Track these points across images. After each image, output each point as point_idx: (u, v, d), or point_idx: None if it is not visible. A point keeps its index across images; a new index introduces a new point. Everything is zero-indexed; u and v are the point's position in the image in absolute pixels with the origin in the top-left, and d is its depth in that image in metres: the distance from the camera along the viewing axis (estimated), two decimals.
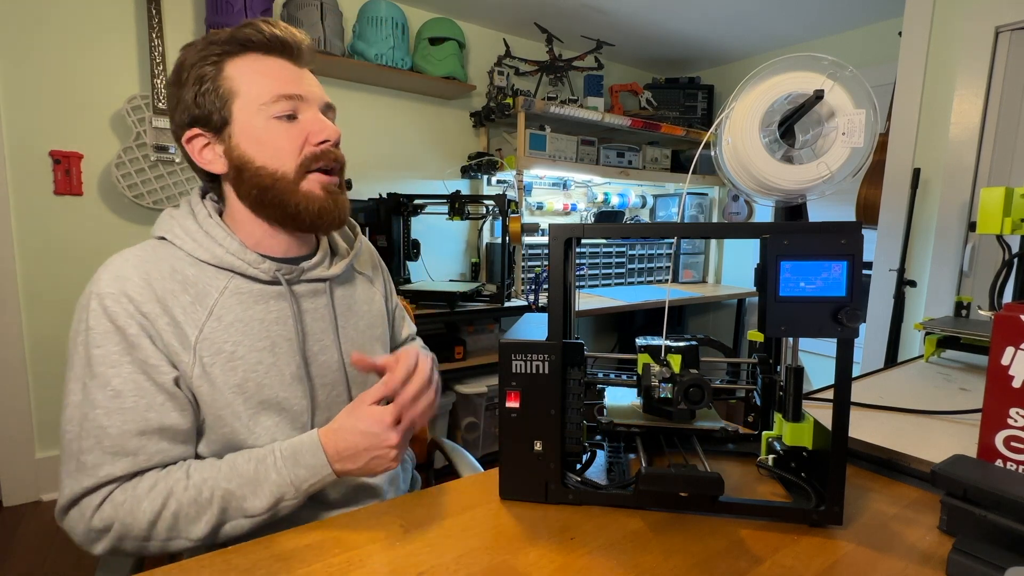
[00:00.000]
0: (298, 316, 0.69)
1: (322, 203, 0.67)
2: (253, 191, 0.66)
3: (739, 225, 0.57)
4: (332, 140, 0.67)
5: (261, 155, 0.65)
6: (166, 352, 0.61)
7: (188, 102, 0.65)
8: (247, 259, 0.66)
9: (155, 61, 1.93)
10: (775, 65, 0.59)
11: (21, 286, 1.87)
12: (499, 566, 0.50)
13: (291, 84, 0.66)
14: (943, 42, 1.82)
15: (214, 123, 0.65)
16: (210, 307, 0.64)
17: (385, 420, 0.59)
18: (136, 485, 0.58)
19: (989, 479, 0.52)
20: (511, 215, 2.23)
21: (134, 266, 0.62)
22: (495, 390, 2.19)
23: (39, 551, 1.65)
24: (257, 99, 0.64)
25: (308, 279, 0.71)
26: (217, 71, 0.65)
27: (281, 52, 0.67)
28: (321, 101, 0.69)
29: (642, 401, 0.70)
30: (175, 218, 0.68)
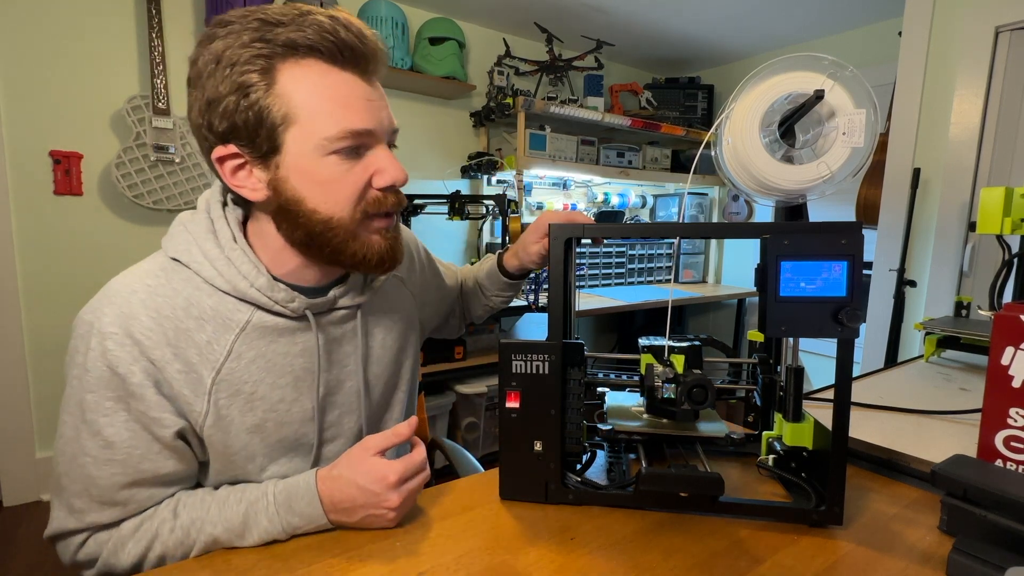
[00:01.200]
0: (322, 349, 0.63)
1: (381, 252, 0.60)
2: (298, 233, 0.57)
3: (739, 225, 0.57)
4: (399, 184, 0.58)
5: (314, 196, 0.55)
6: (173, 401, 0.55)
7: (226, 110, 0.52)
8: (276, 297, 0.58)
9: (155, 61, 1.93)
10: (775, 65, 0.59)
11: (21, 286, 1.87)
12: (499, 566, 0.50)
13: (362, 116, 0.54)
14: (943, 42, 1.82)
15: (259, 146, 0.54)
16: (230, 344, 0.57)
17: (388, 479, 0.53)
18: (122, 526, 0.55)
19: (989, 479, 0.52)
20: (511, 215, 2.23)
21: (142, 301, 0.55)
22: (495, 390, 2.19)
23: (39, 551, 1.65)
24: (319, 132, 0.53)
25: (338, 307, 0.65)
26: (268, 82, 0.51)
27: (351, 65, 0.54)
28: (389, 128, 0.58)
29: (645, 401, 0.70)
30: (192, 236, 0.58)
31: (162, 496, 0.57)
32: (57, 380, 1.96)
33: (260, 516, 0.54)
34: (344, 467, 0.55)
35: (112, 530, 0.56)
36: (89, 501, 0.54)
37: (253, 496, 0.55)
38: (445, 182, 2.72)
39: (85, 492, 0.54)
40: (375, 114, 0.56)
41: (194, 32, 2.06)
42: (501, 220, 2.32)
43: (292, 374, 0.61)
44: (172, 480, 0.58)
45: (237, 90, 0.51)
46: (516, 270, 0.86)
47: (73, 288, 1.94)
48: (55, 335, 1.94)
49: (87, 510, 0.55)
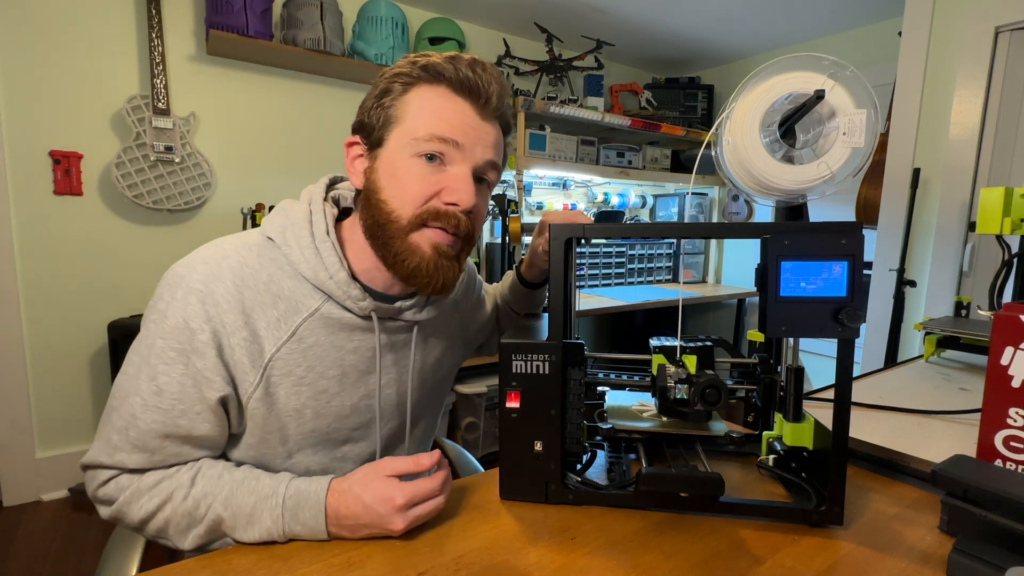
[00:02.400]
0: (378, 351, 0.67)
1: (422, 261, 0.62)
2: (369, 220, 0.63)
3: (739, 225, 0.57)
4: (463, 206, 0.61)
5: (388, 188, 0.61)
6: (230, 367, 0.59)
7: (365, 108, 0.63)
8: (350, 294, 0.63)
9: (155, 61, 1.93)
10: (775, 65, 0.59)
11: (21, 286, 1.86)
12: (499, 566, 0.50)
13: (454, 128, 0.60)
14: (943, 42, 1.82)
15: (372, 139, 0.63)
16: (295, 326, 0.62)
17: (395, 501, 0.53)
18: (143, 476, 0.58)
19: (989, 479, 0.52)
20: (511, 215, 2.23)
21: (231, 267, 0.60)
22: (495, 390, 2.19)
23: (39, 551, 1.65)
24: (413, 132, 0.60)
25: (399, 319, 0.69)
26: (402, 91, 0.61)
27: (467, 94, 0.61)
28: (481, 159, 0.63)
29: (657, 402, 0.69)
30: (290, 220, 0.64)
31: (189, 456, 0.60)
32: (57, 379, 1.96)
33: (264, 515, 0.55)
34: (355, 482, 0.56)
35: (135, 478, 0.58)
36: (124, 440, 0.57)
37: (265, 490, 0.56)
38: None
39: (124, 430, 0.57)
40: (468, 136, 0.61)
41: (194, 32, 2.06)
42: (501, 220, 2.32)
43: (340, 368, 0.65)
44: (202, 443, 0.60)
45: (379, 95, 0.62)
46: (535, 278, 0.88)
47: (73, 288, 1.94)
48: (55, 335, 1.94)
49: (120, 448, 0.57)
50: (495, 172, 0.66)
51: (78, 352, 1.98)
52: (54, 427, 1.98)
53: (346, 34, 2.32)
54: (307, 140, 2.35)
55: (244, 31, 1.94)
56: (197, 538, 0.57)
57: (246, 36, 1.94)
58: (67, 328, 1.95)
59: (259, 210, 2.13)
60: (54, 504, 1.93)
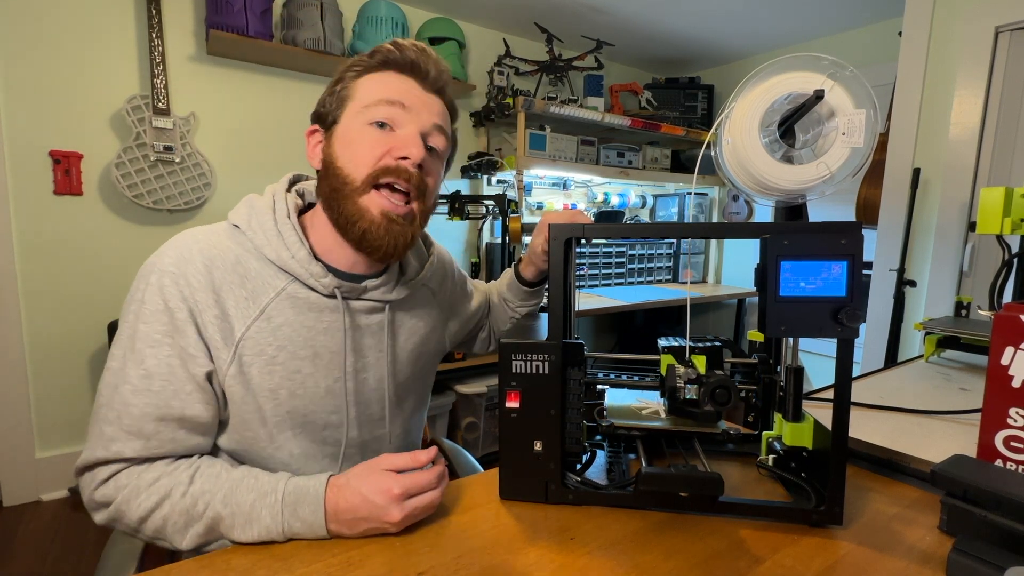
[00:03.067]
0: (348, 331, 0.68)
1: (372, 224, 0.64)
2: (326, 190, 0.66)
3: (739, 225, 0.57)
4: (413, 159, 0.63)
5: (343, 156, 0.64)
6: (208, 344, 0.61)
7: (320, 100, 0.68)
8: (311, 271, 0.65)
9: (155, 61, 1.93)
10: (775, 65, 0.59)
11: (21, 286, 1.86)
12: (499, 566, 0.50)
13: (399, 93, 0.65)
14: (943, 42, 1.82)
15: (327, 122, 0.67)
16: (263, 306, 0.63)
17: (392, 492, 0.54)
18: (141, 474, 0.58)
19: (989, 479, 0.52)
20: (511, 215, 2.23)
21: (200, 250, 0.62)
22: (495, 390, 2.19)
23: (39, 551, 1.65)
24: (362, 101, 0.65)
25: (368, 298, 0.70)
26: (354, 78, 0.66)
27: (411, 72, 0.67)
28: (428, 123, 0.66)
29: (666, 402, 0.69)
30: (254, 209, 0.67)
31: (185, 442, 0.60)
32: (57, 379, 1.96)
33: (264, 512, 0.54)
34: (353, 476, 0.57)
35: (132, 476, 0.57)
36: (119, 429, 0.57)
37: (264, 487, 0.56)
38: (445, 182, 2.71)
39: (117, 419, 0.58)
40: (414, 101, 0.65)
41: (194, 32, 2.06)
42: (501, 220, 2.32)
43: (312, 348, 0.66)
44: (196, 426, 0.61)
45: (333, 85, 0.68)
46: (533, 276, 0.88)
47: (73, 288, 1.94)
48: (55, 335, 1.94)
49: (115, 438, 0.57)
50: (443, 138, 0.69)
51: (78, 352, 1.98)
52: (54, 427, 1.98)
53: (346, 34, 2.32)
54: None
55: (244, 31, 1.94)
56: (196, 537, 0.56)
57: (246, 36, 1.94)
58: (67, 328, 1.95)
59: None
60: (54, 504, 1.93)
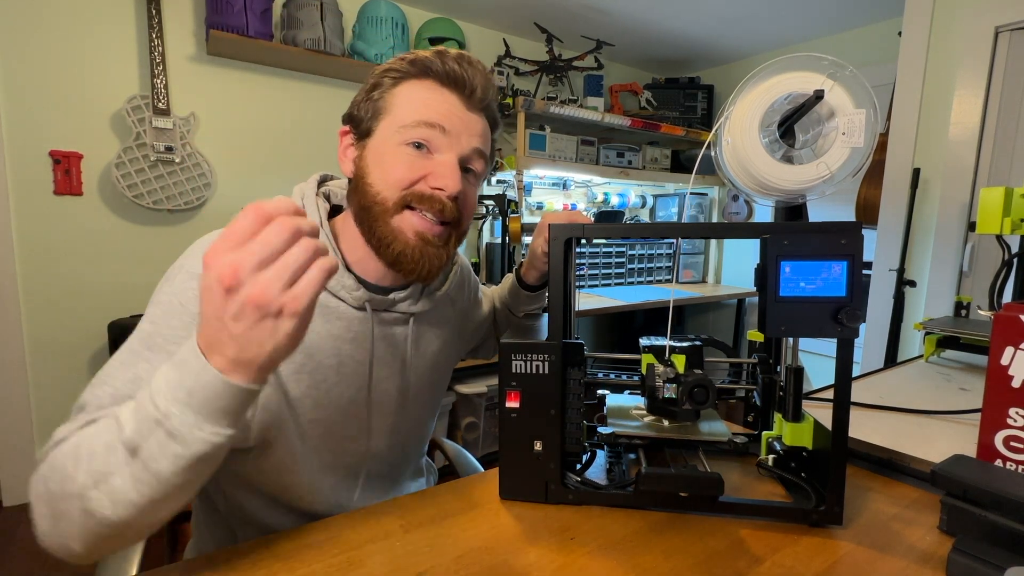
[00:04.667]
0: (374, 342, 0.68)
1: (406, 246, 0.63)
2: (357, 205, 0.65)
3: (739, 225, 0.57)
4: (449, 192, 0.62)
5: (375, 173, 0.63)
6: None
7: (356, 101, 0.66)
8: (343, 283, 0.64)
9: (155, 61, 1.93)
10: (775, 65, 0.59)
11: (21, 286, 1.86)
12: (499, 566, 0.50)
13: (440, 115, 0.62)
14: (943, 42, 1.82)
15: (362, 129, 0.65)
16: None
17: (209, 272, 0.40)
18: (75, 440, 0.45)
19: (989, 479, 0.52)
20: (511, 215, 2.23)
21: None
22: (495, 390, 2.19)
23: (39, 551, 1.64)
24: (400, 120, 0.62)
25: (394, 310, 0.69)
26: (392, 84, 0.64)
27: (454, 86, 0.64)
28: (467, 147, 0.64)
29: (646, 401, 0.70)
30: None
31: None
32: (57, 380, 1.96)
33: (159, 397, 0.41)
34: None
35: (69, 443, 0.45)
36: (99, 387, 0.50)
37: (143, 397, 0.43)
38: None
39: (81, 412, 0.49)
40: (454, 123, 0.63)
41: (194, 32, 2.06)
42: (501, 220, 2.32)
43: (337, 358, 0.65)
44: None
45: (370, 89, 0.65)
46: (535, 280, 0.87)
47: (73, 288, 1.94)
48: (55, 335, 1.94)
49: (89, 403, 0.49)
50: (482, 161, 0.67)
51: (78, 352, 1.98)
52: (54, 427, 1.96)
53: (346, 34, 2.32)
54: (307, 140, 2.35)
55: (244, 31, 1.94)
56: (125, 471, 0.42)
57: (246, 36, 1.94)
58: (67, 328, 1.95)
59: None
60: None
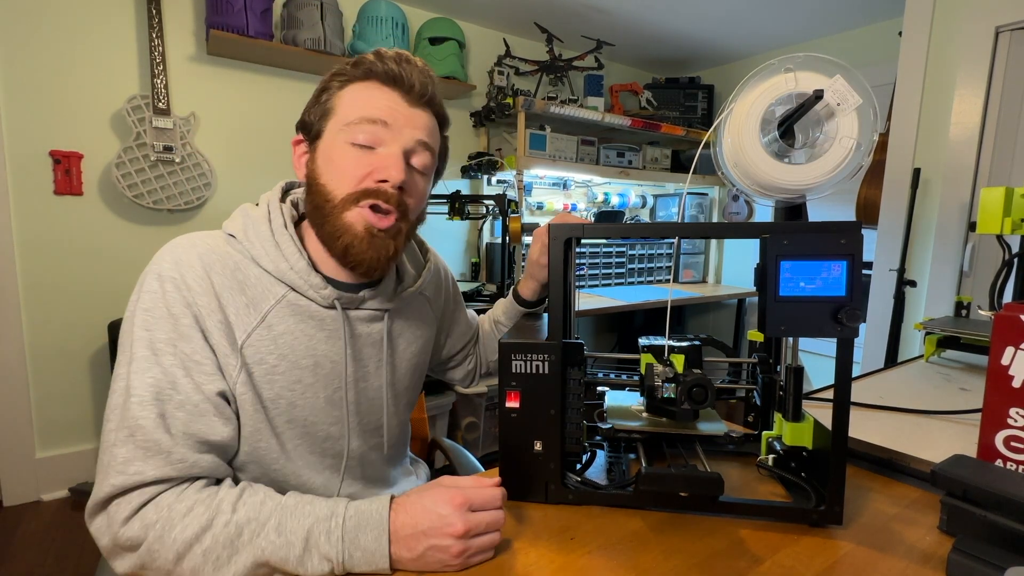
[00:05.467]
0: (348, 341, 0.68)
1: (354, 239, 0.63)
2: (310, 206, 0.65)
3: (739, 225, 0.57)
4: (392, 182, 0.63)
5: (326, 173, 0.64)
6: (216, 350, 0.59)
7: (306, 108, 0.67)
8: (311, 282, 0.64)
9: (155, 61, 1.93)
10: (775, 65, 0.59)
11: (21, 286, 1.86)
12: (499, 566, 0.50)
13: (381, 111, 0.63)
14: (943, 42, 1.82)
15: (312, 134, 0.66)
16: (264, 313, 0.62)
17: (455, 500, 0.51)
18: (172, 505, 0.52)
19: (989, 479, 0.52)
20: (511, 215, 2.23)
21: (199, 255, 0.60)
22: (495, 390, 2.19)
23: (39, 551, 1.65)
24: (344, 118, 0.63)
25: (366, 308, 0.70)
26: (338, 88, 0.65)
27: (394, 84, 0.65)
28: (410, 140, 0.65)
29: (645, 400, 0.70)
30: (250, 219, 0.65)
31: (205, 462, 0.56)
32: (57, 379, 1.96)
33: (322, 538, 0.50)
34: (414, 492, 0.55)
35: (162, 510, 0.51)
36: (134, 447, 0.53)
37: (323, 511, 0.52)
38: (445, 182, 2.71)
39: (130, 438, 0.53)
40: (396, 118, 0.64)
41: (194, 32, 2.06)
42: (501, 220, 2.32)
43: (313, 358, 0.65)
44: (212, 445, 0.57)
45: (318, 94, 0.66)
46: (534, 293, 0.87)
47: (73, 288, 1.94)
48: (55, 335, 1.93)
49: (132, 458, 0.52)
50: (428, 153, 0.67)
51: (78, 352, 1.98)
52: (54, 427, 1.97)
53: (346, 34, 2.32)
54: None
55: (244, 31, 1.94)
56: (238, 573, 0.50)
57: (246, 36, 1.94)
58: (67, 328, 1.95)
59: None
60: (54, 504, 1.93)
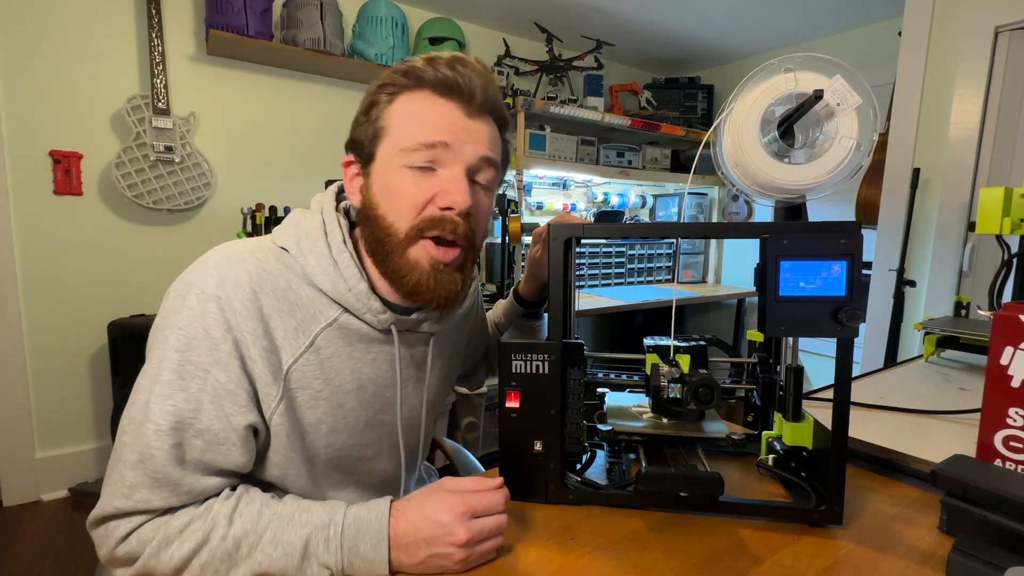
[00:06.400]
0: (398, 365, 0.65)
1: (421, 276, 0.59)
2: (369, 237, 0.61)
3: (739, 225, 0.57)
4: (458, 208, 0.58)
5: (384, 203, 0.59)
6: (254, 380, 0.55)
7: (356, 123, 0.62)
8: (370, 306, 0.61)
9: (155, 61, 1.93)
10: (775, 65, 0.59)
11: (21, 286, 1.86)
12: (499, 566, 0.50)
13: (439, 131, 0.58)
14: (943, 42, 1.82)
15: (364, 155, 0.61)
16: (313, 336, 0.59)
17: (457, 508, 0.50)
18: (168, 522, 0.51)
19: (989, 479, 0.52)
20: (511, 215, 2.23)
21: (248, 272, 0.56)
22: (495, 390, 2.19)
23: (39, 551, 1.65)
24: (400, 143, 0.58)
25: (417, 331, 0.67)
26: (388, 101, 0.60)
27: (451, 95, 0.59)
28: (474, 156, 0.60)
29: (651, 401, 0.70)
30: (304, 231, 0.61)
31: (219, 488, 0.54)
32: (57, 379, 1.96)
33: (320, 547, 0.50)
34: (414, 497, 0.54)
35: (158, 528, 0.51)
36: (142, 475, 0.51)
37: (320, 519, 0.51)
38: None
39: (140, 464, 0.51)
40: (457, 135, 0.59)
41: (194, 32, 2.06)
42: (501, 220, 2.32)
43: (357, 382, 0.63)
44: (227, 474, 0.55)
45: (367, 109, 0.61)
46: (534, 293, 0.86)
47: (73, 288, 1.94)
48: (55, 335, 1.93)
49: (138, 485, 0.51)
50: (492, 169, 0.62)
51: (78, 352, 1.98)
52: (54, 427, 1.97)
53: (346, 34, 2.32)
54: (307, 140, 2.35)
55: (244, 31, 1.94)
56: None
57: (246, 36, 1.94)
58: (67, 328, 1.94)
59: (259, 210, 2.12)
60: (54, 504, 1.93)
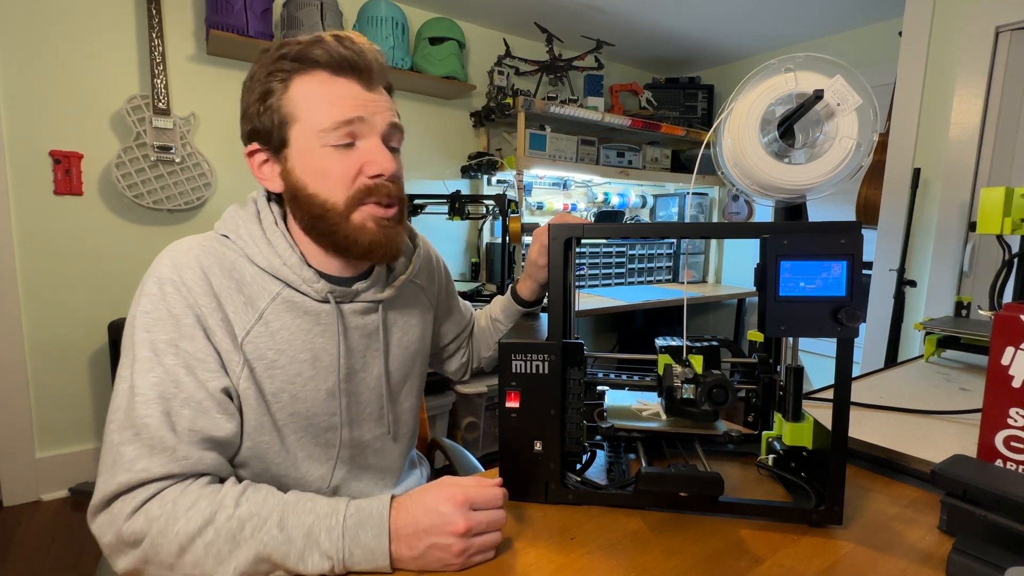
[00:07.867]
0: (344, 332, 0.68)
1: (372, 237, 0.64)
2: (306, 217, 0.65)
3: (739, 225, 0.57)
4: (387, 174, 0.64)
5: (314, 183, 0.63)
6: (219, 349, 0.60)
7: (252, 115, 0.64)
8: (304, 276, 0.65)
9: (155, 61, 1.93)
10: (775, 65, 0.59)
11: (21, 286, 1.86)
12: (499, 566, 0.50)
13: (354, 108, 0.62)
14: (943, 42, 1.82)
15: (273, 143, 0.64)
16: (261, 310, 0.63)
17: (456, 498, 0.51)
18: (176, 499, 0.52)
19: (989, 479, 0.52)
20: (511, 215, 2.23)
21: (196, 256, 0.61)
22: (495, 390, 2.19)
23: (39, 551, 1.65)
24: (316, 126, 0.62)
25: (360, 300, 0.70)
26: (283, 89, 0.62)
27: (350, 72, 0.63)
28: (385, 124, 0.65)
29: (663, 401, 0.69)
30: (240, 218, 0.67)
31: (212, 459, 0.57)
32: (57, 379, 1.96)
33: (323, 536, 0.51)
34: (416, 491, 0.55)
35: (166, 505, 0.52)
36: (140, 446, 0.53)
37: (323, 509, 0.53)
38: (445, 182, 2.72)
39: (136, 437, 0.53)
40: (367, 108, 0.63)
41: (194, 32, 2.06)
42: (501, 220, 2.32)
43: (311, 351, 0.66)
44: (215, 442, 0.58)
45: (260, 98, 0.63)
46: (532, 293, 0.88)
47: (73, 288, 1.94)
48: (55, 335, 1.93)
49: (137, 456, 0.53)
50: (399, 132, 0.67)
51: (78, 352, 1.98)
52: (54, 427, 1.97)
53: None
54: None
55: (244, 31, 1.94)
56: (239, 568, 0.50)
57: (246, 36, 1.94)
58: (67, 328, 1.94)
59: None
60: (54, 504, 1.93)
